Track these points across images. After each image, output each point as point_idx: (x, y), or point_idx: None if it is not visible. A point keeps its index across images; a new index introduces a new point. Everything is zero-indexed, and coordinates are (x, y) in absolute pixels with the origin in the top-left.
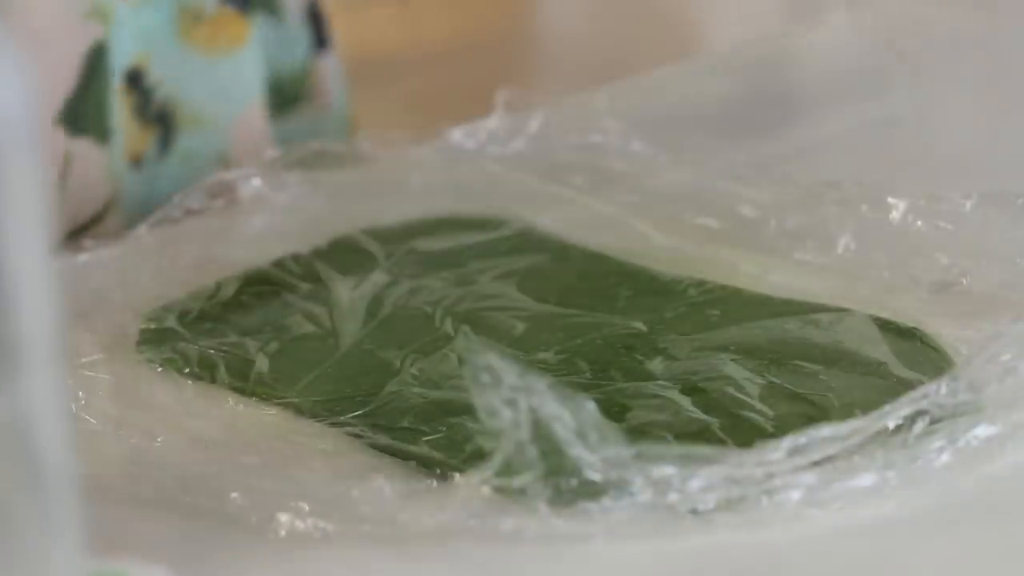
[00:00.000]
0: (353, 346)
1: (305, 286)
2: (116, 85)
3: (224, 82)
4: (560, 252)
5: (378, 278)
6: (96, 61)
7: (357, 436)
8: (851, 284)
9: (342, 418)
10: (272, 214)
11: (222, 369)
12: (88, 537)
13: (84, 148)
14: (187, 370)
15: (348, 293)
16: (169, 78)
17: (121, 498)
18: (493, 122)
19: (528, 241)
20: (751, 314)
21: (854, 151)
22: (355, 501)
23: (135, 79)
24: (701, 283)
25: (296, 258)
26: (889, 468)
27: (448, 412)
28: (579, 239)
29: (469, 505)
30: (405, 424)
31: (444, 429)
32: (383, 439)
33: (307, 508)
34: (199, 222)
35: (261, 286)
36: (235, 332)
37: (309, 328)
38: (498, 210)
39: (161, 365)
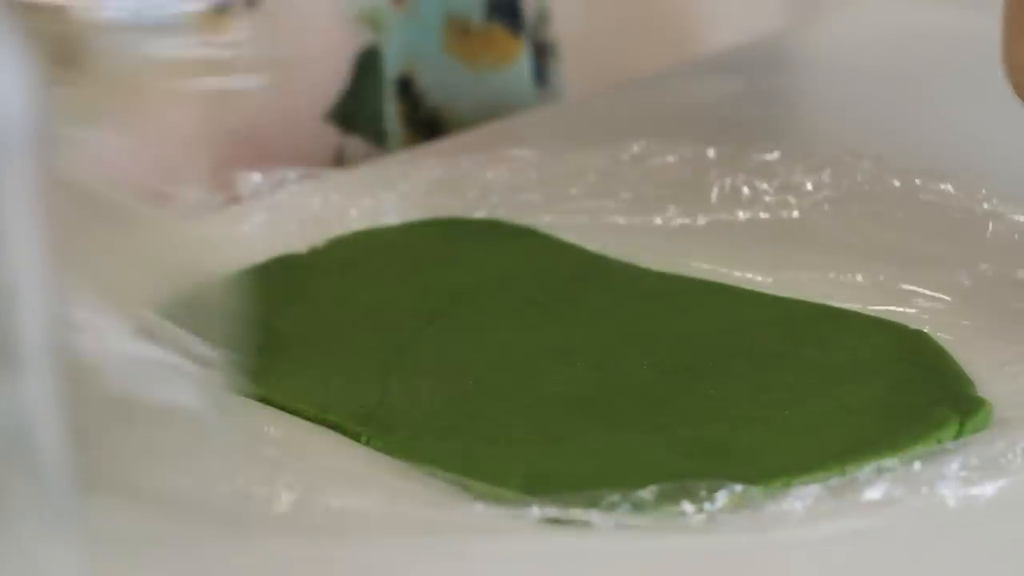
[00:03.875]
0: (353, 347)
1: (303, 286)
2: (388, 91)
3: (491, 96)
4: (557, 252)
5: (377, 279)
6: (368, 64)
7: (355, 436)
8: (859, 285)
9: (339, 418)
10: (271, 213)
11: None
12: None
13: (355, 146)
14: None
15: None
16: (436, 88)
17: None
18: (497, 128)
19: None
20: (754, 316)
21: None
22: (353, 496)
23: (404, 87)
24: (707, 284)
25: (295, 258)
26: (895, 483)
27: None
28: (580, 242)
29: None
30: (403, 426)
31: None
32: (379, 437)
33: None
34: (200, 221)
35: (259, 286)
36: (232, 332)
37: (307, 329)
38: (498, 212)
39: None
